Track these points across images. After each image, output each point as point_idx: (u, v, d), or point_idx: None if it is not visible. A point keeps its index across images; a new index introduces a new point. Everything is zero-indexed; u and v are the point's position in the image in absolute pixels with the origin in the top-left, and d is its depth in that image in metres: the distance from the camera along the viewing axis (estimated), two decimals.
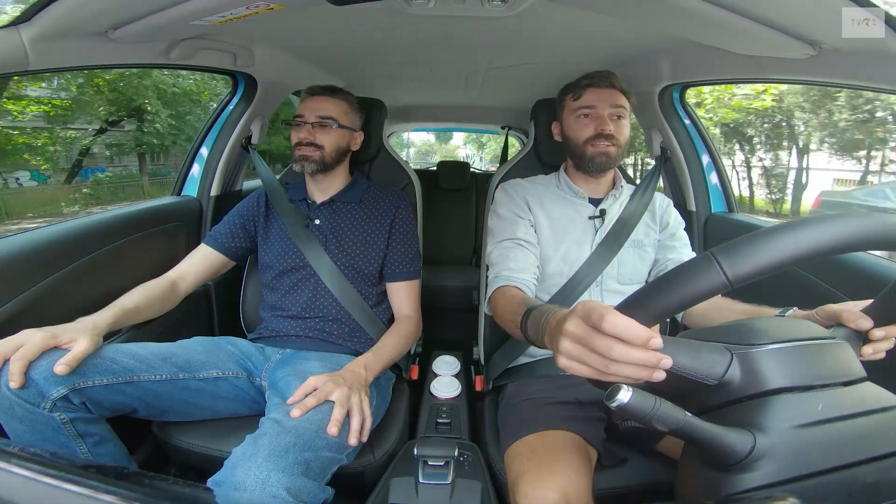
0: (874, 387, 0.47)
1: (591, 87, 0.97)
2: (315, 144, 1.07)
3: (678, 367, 0.46)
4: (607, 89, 0.96)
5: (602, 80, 0.96)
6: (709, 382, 0.46)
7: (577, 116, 0.98)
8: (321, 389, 0.77)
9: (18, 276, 0.85)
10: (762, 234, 0.38)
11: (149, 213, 1.21)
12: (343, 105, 1.12)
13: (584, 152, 0.98)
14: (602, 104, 0.96)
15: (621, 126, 0.97)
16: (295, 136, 1.09)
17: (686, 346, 0.47)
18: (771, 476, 0.41)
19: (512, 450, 0.79)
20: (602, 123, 0.95)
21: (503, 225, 0.99)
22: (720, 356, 0.47)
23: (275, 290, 1.11)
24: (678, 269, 0.40)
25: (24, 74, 0.80)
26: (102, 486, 0.33)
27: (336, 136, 1.10)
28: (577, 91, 0.98)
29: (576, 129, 0.99)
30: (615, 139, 0.96)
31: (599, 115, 0.96)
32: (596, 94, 0.96)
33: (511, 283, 0.88)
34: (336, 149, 1.10)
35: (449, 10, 0.95)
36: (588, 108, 0.97)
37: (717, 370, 0.46)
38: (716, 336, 0.50)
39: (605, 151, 0.96)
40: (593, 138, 0.96)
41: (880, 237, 0.38)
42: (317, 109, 1.09)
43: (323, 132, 1.08)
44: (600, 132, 0.95)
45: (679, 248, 1.04)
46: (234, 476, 0.62)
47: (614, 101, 0.96)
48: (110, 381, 0.77)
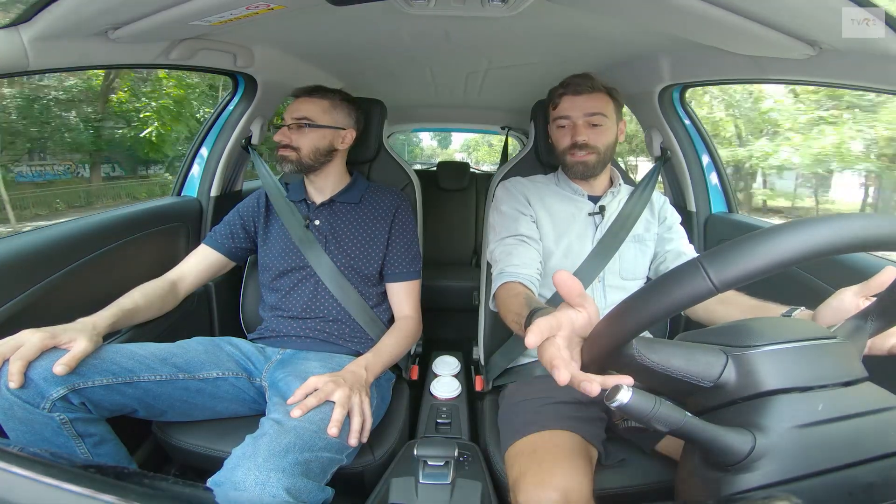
0: (874, 387, 0.47)
1: (565, 95, 0.98)
2: (291, 146, 1.08)
3: (673, 370, 0.46)
4: (583, 95, 0.96)
5: (577, 86, 0.97)
6: (704, 384, 0.46)
7: (557, 126, 1.00)
8: (322, 389, 0.77)
9: (18, 276, 0.85)
10: (748, 238, 0.38)
11: (149, 214, 1.21)
12: (322, 104, 1.10)
13: (564, 161, 1.00)
14: (576, 112, 0.96)
15: (599, 132, 0.97)
16: (278, 136, 1.11)
17: (680, 349, 0.47)
18: (771, 476, 0.41)
19: (512, 450, 0.79)
20: (576, 133, 0.96)
21: (505, 221, 0.99)
22: (715, 358, 0.47)
23: (275, 291, 1.11)
24: (665, 275, 0.41)
25: (24, 74, 0.80)
26: (102, 486, 0.33)
27: (313, 136, 1.08)
28: (553, 99, 1.00)
29: (556, 137, 1.01)
30: (592, 147, 0.96)
31: (574, 124, 0.96)
32: (570, 102, 0.97)
33: (515, 280, 0.87)
34: (314, 150, 1.08)
35: (449, 10, 0.95)
36: (563, 119, 0.98)
37: (711, 372, 0.46)
38: (711, 338, 0.50)
39: (582, 161, 0.97)
40: (570, 148, 0.97)
41: (870, 238, 0.38)
42: (293, 111, 1.09)
43: (298, 134, 1.08)
44: (574, 142, 0.96)
45: (677, 240, 1.05)
46: (233, 476, 0.62)
47: (589, 109, 0.96)
48: (110, 382, 0.77)
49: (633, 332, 0.43)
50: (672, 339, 0.50)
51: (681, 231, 1.07)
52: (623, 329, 0.43)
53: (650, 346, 0.47)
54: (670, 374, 0.46)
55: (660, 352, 0.47)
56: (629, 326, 0.42)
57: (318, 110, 1.09)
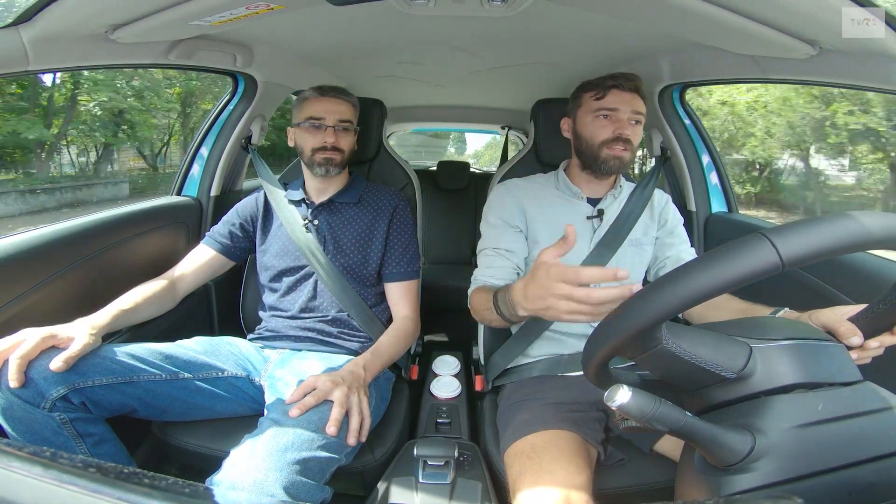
0: (874, 387, 0.47)
1: (616, 88, 0.95)
2: (338, 148, 1.07)
3: (700, 359, 0.45)
4: (631, 93, 0.95)
5: (627, 82, 0.95)
6: (727, 375, 0.46)
7: (595, 116, 0.96)
8: (320, 389, 0.77)
9: (18, 275, 0.85)
10: (817, 218, 0.38)
11: (149, 213, 1.21)
12: (354, 107, 1.13)
13: (597, 154, 0.96)
14: (624, 107, 0.94)
15: (637, 132, 0.96)
16: (315, 139, 1.06)
17: (708, 336, 0.47)
18: (771, 476, 0.41)
19: (512, 449, 0.79)
20: (622, 127, 0.94)
21: (490, 233, 1.00)
22: (740, 349, 0.46)
23: (274, 291, 1.11)
24: (724, 246, 0.39)
25: (24, 74, 0.80)
26: (102, 485, 0.33)
27: (352, 138, 1.12)
28: (599, 90, 0.96)
29: (592, 128, 0.96)
30: (631, 144, 0.95)
31: (620, 118, 0.94)
32: (619, 96, 0.95)
33: (483, 284, 0.91)
34: (352, 151, 1.12)
35: (449, 10, 0.95)
36: (609, 110, 0.95)
37: (737, 363, 0.46)
38: (729, 330, 0.49)
39: (619, 156, 0.95)
40: (611, 141, 0.94)
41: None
42: (336, 112, 1.07)
43: (343, 135, 1.08)
44: (619, 135, 0.94)
45: (678, 245, 1.04)
46: (232, 476, 0.62)
47: (636, 107, 0.95)
48: (110, 381, 0.77)
49: (679, 306, 0.40)
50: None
51: (682, 235, 1.06)
52: (668, 302, 0.40)
53: (679, 332, 0.46)
54: (696, 363, 0.45)
55: (688, 338, 0.45)
56: (674, 301, 0.39)
57: (353, 112, 1.11)
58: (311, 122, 1.07)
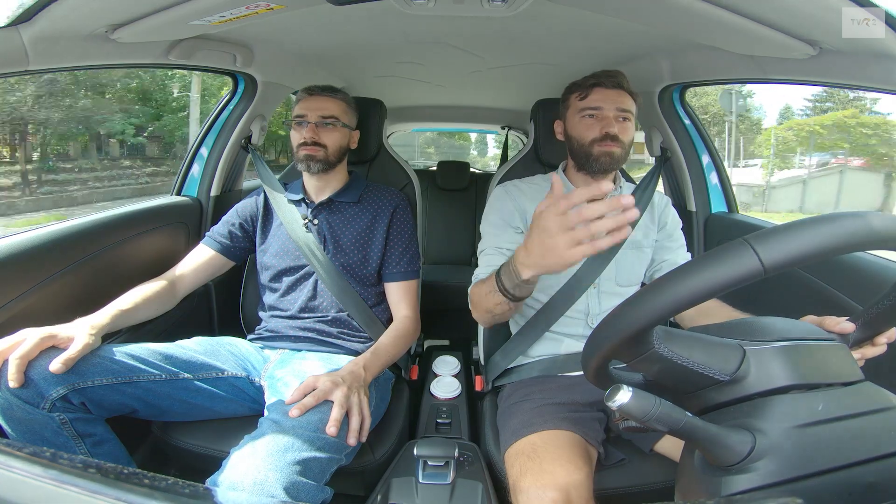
0: (874, 387, 0.47)
1: (598, 86, 0.95)
2: (319, 144, 1.07)
3: (693, 362, 0.45)
4: (614, 90, 0.95)
5: (609, 79, 0.95)
6: (720, 378, 0.46)
7: (582, 116, 0.96)
8: (320, 389, 0.77)
9: (18, 276, 0.85)
10: (798, 223, 0.38)
11: (149, 213, 1.21)
12: (342, 104, 1.13)
13: (588, 152, 0.96)
14: (608, 105, 0.94)
15: (626, 128, 0.95)
16: (298, 136, 1.09)
17: (700, 340, 0.47)
18: (771, 476, 0.41)
19: (512, 450, 0.79)
20: (608, 125, 0.93)
21: (491, 233, 1.00)
22: (732, 351, 0.46)
23: (274, 291, 1.11)
24: (707, 254, 0.39)
25: (24, 74, 0.80)
26: (102, 486, 0.33)
27: (339, 134, 1.11)
28: (583, 90, 0.96)
29: (580, 129, 0.97)
30: (620, 141, 0.95)
31: (605, 115, 0.94)
32: (602, 94, 0.95)
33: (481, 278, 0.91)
34: (339, 148, 1.11)
35: (449, 10, 0.95)
36: (593, 109, 0.95)
37: (729, 366, 0.46)
38: (722, 333, 0.49)
39: (609, 151, 0.94)
40: (598, 139, 0.94)
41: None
42: (319, 109, 1.09)
43: (326, 131, 1.09)
44: (605, 133, 0.93)
45: (675, 250, 1.04)
46: (232, 476, 0.62)
47: (620, 104, 0.94)
48: (110, 382, 0.77)
49: (665, 313, 0.40)
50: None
51: (680, 239, 1.06)
52: (653, 309, 0.41)
53: (671, 336, 0.46)
54: (688, 367, 0.45)
55: (681, 342, 0.45)
56: (660, 307, 0.40)
57: (340, 109, 1.12)
58: (296, 120, 1.10)
